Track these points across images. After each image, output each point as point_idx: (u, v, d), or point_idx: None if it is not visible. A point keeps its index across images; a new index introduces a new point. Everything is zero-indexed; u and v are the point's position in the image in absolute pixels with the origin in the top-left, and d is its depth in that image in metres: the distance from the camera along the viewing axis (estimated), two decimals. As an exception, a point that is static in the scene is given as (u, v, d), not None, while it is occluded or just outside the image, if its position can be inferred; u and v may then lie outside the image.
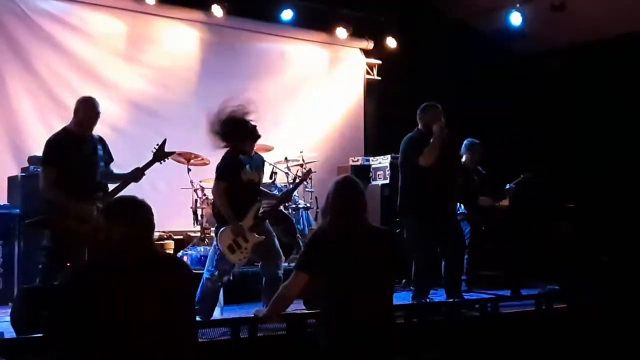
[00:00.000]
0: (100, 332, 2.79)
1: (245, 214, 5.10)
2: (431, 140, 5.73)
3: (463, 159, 6.93)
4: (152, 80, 8.34)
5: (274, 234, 5.33)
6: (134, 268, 2.90)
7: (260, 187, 5.42)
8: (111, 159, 5.22)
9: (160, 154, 5.12)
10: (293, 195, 6.74)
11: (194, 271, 6.07)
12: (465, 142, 7.00)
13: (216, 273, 5.08)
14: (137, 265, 2.92)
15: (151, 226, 3.02)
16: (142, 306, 2.83)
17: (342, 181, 3.62)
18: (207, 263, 5.24)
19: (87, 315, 2.78)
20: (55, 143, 4.92)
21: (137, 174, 5.07)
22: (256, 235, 5.10)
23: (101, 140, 5.16)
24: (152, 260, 3.01)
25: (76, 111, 4.97)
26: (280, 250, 5.30)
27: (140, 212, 3.00)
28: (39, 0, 7.69)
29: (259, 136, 5.28)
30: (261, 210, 5.28)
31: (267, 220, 5.32)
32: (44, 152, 4.93)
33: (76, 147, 4.89)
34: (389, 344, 3.42)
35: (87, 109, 4.95)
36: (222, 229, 5.08)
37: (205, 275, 5.12)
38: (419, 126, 5.93)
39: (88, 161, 4.95)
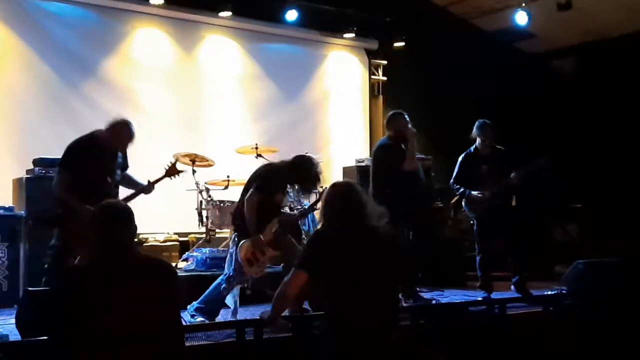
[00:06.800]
0: (85, 337, 2.80)
1: (265, 228, 5.12)
2: (409, 146, 5.90)
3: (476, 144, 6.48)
4: (157, 81, 8.32)
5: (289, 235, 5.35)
6: (113, 274, 2.90)
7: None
8: (127, 166, 5.30)
9: (172, 171, 5.37)
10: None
11: (197, 273, 6.13)
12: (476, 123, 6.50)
13: (233, 278, 5.06)
14: (116, 271, 2.92)
15: (128, 231, 3.02)
16: (123, 312, 2.83)
17: (340, 187, 3.65)
18: (225, 267, 5.21)
19: (73, 319, 2.80)
20: (77, 148, 4.98)
21: (148, 187, 5.23)
22: (272, 250, 5.11)
23: None
24: (132, 265, 3.00)
25: (112, 128, 5.01)
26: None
27: (117, 218, 3.01)
28: (44, 2, 7.69)
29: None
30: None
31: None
32: (64, 155, 5.00)
33: (97, 156, 4.95)
34: (391, 348, 3.39)
35: (123, 133, 5.03)
36: (242, 242, 5.07)
37: (223, 278, 5.09)
38: (389, 133, 6.06)
39: (106, 170, 5.03)
